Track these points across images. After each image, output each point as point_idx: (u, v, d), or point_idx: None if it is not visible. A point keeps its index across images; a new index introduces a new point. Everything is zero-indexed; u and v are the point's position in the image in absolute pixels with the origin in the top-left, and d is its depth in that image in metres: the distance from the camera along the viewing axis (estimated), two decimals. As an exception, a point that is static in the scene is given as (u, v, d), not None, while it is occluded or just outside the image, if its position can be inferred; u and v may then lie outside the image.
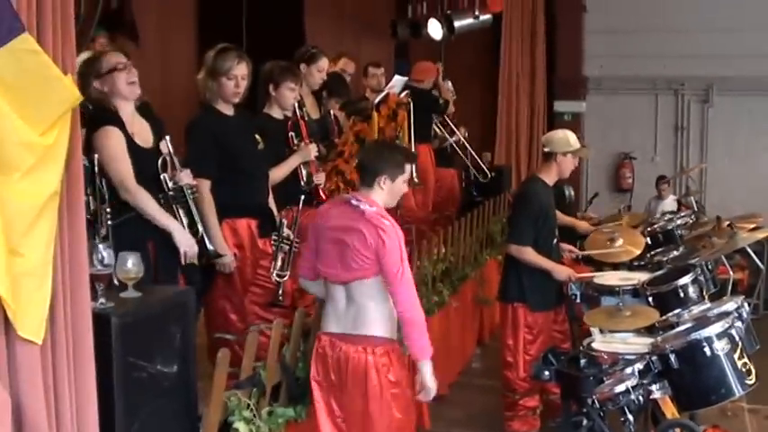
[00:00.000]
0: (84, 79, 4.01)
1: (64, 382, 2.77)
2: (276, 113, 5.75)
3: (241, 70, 4.93)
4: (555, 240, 6.01)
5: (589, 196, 11.76)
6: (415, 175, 7.51)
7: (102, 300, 3.26)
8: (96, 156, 4.11)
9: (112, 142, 4.16)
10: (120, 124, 4.25)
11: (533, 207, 5.79)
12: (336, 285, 4.24)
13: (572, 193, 7.57)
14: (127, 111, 4.31)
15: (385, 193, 4.25)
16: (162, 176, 4.32)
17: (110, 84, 4.23)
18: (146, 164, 4.28)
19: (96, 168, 4.10)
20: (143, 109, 4.42)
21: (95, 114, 4.10)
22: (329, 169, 6.32)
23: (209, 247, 4.55)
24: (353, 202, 4.20)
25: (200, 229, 4.49)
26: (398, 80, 7.35)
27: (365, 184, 4.27)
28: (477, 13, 10.91)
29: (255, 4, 8.09)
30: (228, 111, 5.06)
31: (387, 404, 4.15)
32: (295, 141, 5.77)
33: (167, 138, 4.42)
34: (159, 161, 4.33)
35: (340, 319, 4.23)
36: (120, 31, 7.15)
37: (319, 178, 5.94)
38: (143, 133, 4.36)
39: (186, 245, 4.29)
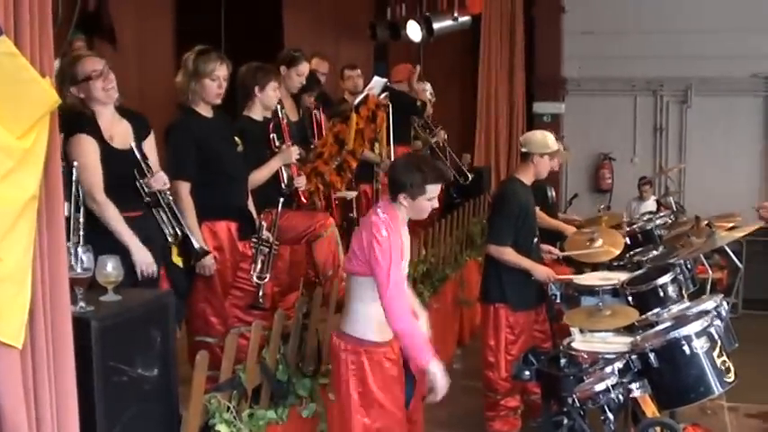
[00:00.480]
0: (60, 85, 3.95)
1: (44, 386, 2.75)
2: (256, 115, 5.76)
3: (223, 71, 4.97)
4: (535, 240, 6.03)
5: (569, 197, 11.85)
6: None
7: (81, 303, 3.25)
8: (75, 162, 4.09)
9: (84, 151, 4.13)
10: (96, 130, 4.23)
11: (512, 207, 5.81)
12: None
13: (554, 193, 7.56)
14: (105, 114, 4.29)
15: (406, 209, 4.29)
16: (138, 183, 4.32)
17: (85, 90, 4.23)
18: (124, 167, 4.28)
19: (75, 175, 4.07)
20: (123, 109, 4.41)
21: (70, 120, 4.03)
22: (309, 171, 6.32)
23: (196, 245, 4.55)
24: (379, 204, 4.32)
25: (185, 230, 4.49)
26: (378, 81, 7.33)
27: (390, 195, 4.33)
28: (455, 14, 10.91)
29: (234, 7, 8.08)
30: (208, 113, 5.07)
31: (354, 404, 4.23)
32: (276, 143, 5.78)
33: (144, 142, 4.42)
34: (135, 168, 4.32)
35: (344, 315, 4.35)
36: (97, 34, 7.12)
37: (300, 181, 5.95)
38: (122, 136, 4.34)
39: (143, 263, 4.23)
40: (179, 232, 4.47)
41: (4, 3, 2.55)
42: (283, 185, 5.78)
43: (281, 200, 5.67)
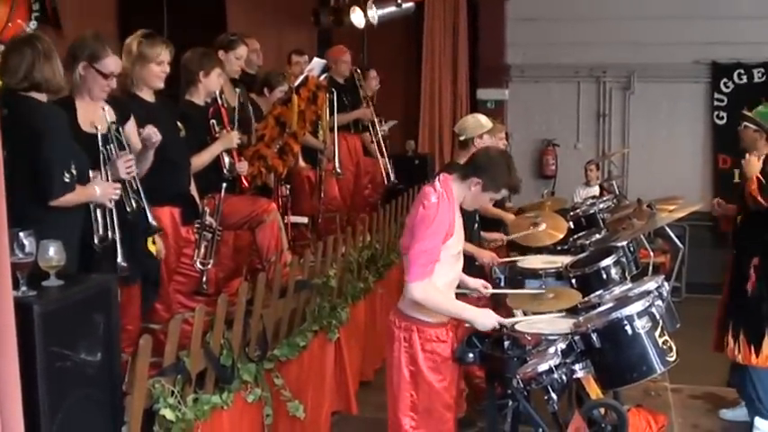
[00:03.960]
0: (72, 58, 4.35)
1: (-14, 371, 2.73)
2: (198, 100, 5.82)
3: (167, 56, 5.06)
4: (476, 226, 6.06)
5: (513, 183, 11.94)
6: (337, 165, 7.97)
7: (23, 288, 3.26)
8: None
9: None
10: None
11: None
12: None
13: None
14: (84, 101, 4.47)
15: (469, 193, 4.41)
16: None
17: (89, 80, 4.41)
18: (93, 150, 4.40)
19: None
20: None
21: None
22: (251, 154, 6.39)
23: (152, 222, 4.61)
24: (439, 177, 4.41)
25: (143, 203, 4.56)
26: (317, 62, 7.44)
27: (460, 174, 4.45)
28: (399, 1, 11.03)
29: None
30: (150, 97, 5.11)
31: (404, 381, 4.37)
32: (216, 129, 5.83)
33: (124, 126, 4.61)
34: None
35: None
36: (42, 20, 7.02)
37: (241, 167, 6.01)
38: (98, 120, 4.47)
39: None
40: (140, 205, 4.54)
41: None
42: (225, 171, 5.82)
43: (224, 185, 5.73)
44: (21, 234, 3.34)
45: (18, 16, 6.57)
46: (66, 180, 4.03)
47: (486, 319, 4.43)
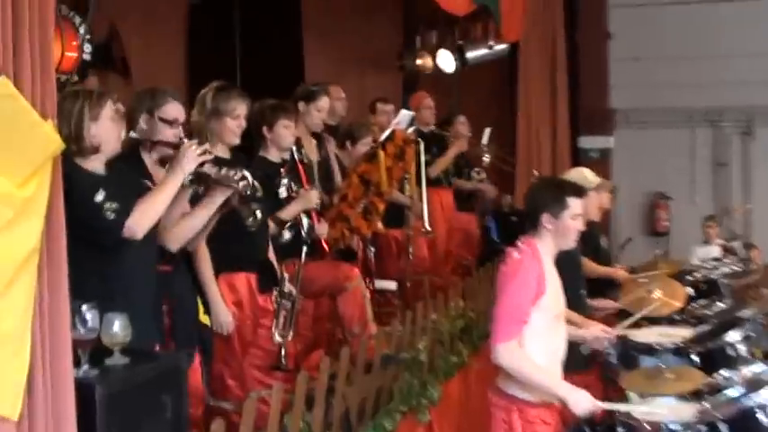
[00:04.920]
0: (133, 111, 4.33)
1: (43, 462, 2.70)
2: (273, 156, 5.80)
3: (244, 110, 5.06)
4: (581, 293, 5.92)
5: (621, 241, 11.70)
6: (426, 222, 7.79)
7: (85, 367, 3.23)
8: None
9: None
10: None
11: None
12: None
13: (607, 242, 7.45)
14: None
15: (552, 233, 4.40)
16: None
17: (156, 131, 4.36)
18: None
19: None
20: None
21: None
22: (333, 215, 6.36)
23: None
24: (520, 239, 4.44)
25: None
26: (404, 115, 7.37)
27: (530, 229, 4.46)
28: (491, 42, 10.95)
29: (250, 36, 8.16)
30: (226, 154, 5.09)
31: None
32: (294, 188, 5.79)
33: None
34: None
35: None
36: (109, 67, 7.25)
37: (321, 228, 6.00)
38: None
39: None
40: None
41: (1, 42, 2.56)
42: (304, 233, 5.74)
43: (304, 249, 5.67)
44: (83, 307, 3.31)
45: (68, 48, 6.62)
46: (111, 216, 3.83)
47: (581, 400, 4.24)
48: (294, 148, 5.89)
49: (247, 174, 4.33)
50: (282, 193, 5.73)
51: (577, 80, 12.19)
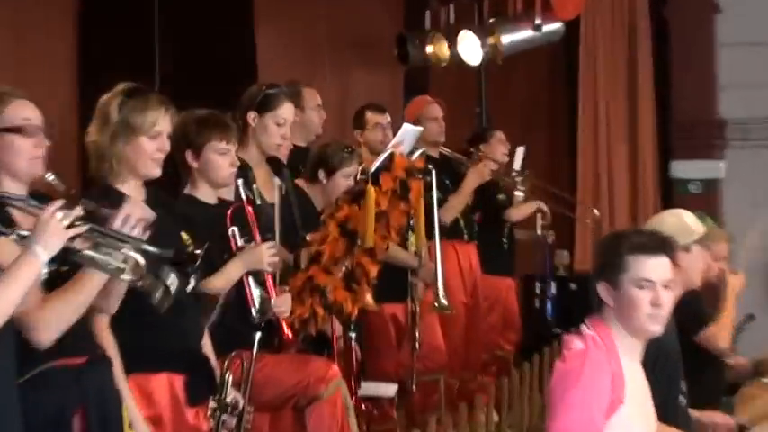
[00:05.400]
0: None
1: None
2: (205, 196, 5.09)
3: (167, 125, 4.40)
4: (680, 398, 5.08)
5: (738, 320, 10.01)
6: (442, 295, 6.87)
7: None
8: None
9: None
10: None
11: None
12: None
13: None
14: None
15: (615, 311, 3.94)
16: None
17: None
18: None
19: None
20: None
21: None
22: (300, 284, 5.47)
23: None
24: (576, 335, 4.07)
25: None
26: (409, 132, 6.14)
27: (596, 305, 4.05)
28: (537, 21, 9.16)
29: (175, 14, 7.10)
30: (139, 194, 4.34)
31: None
32: (239, 241, 5.03)
33: None
34: None
35: None
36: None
37: (281, 303, 5.14)
38: None
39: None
40: None
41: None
42: (254, 312, 5.00)
43: (256, 336, 4.96)
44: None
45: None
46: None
47: None
48: (240, 183, 5.11)
49: (150, 248, 3.67)
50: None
51: (668, 78, 10.52)
